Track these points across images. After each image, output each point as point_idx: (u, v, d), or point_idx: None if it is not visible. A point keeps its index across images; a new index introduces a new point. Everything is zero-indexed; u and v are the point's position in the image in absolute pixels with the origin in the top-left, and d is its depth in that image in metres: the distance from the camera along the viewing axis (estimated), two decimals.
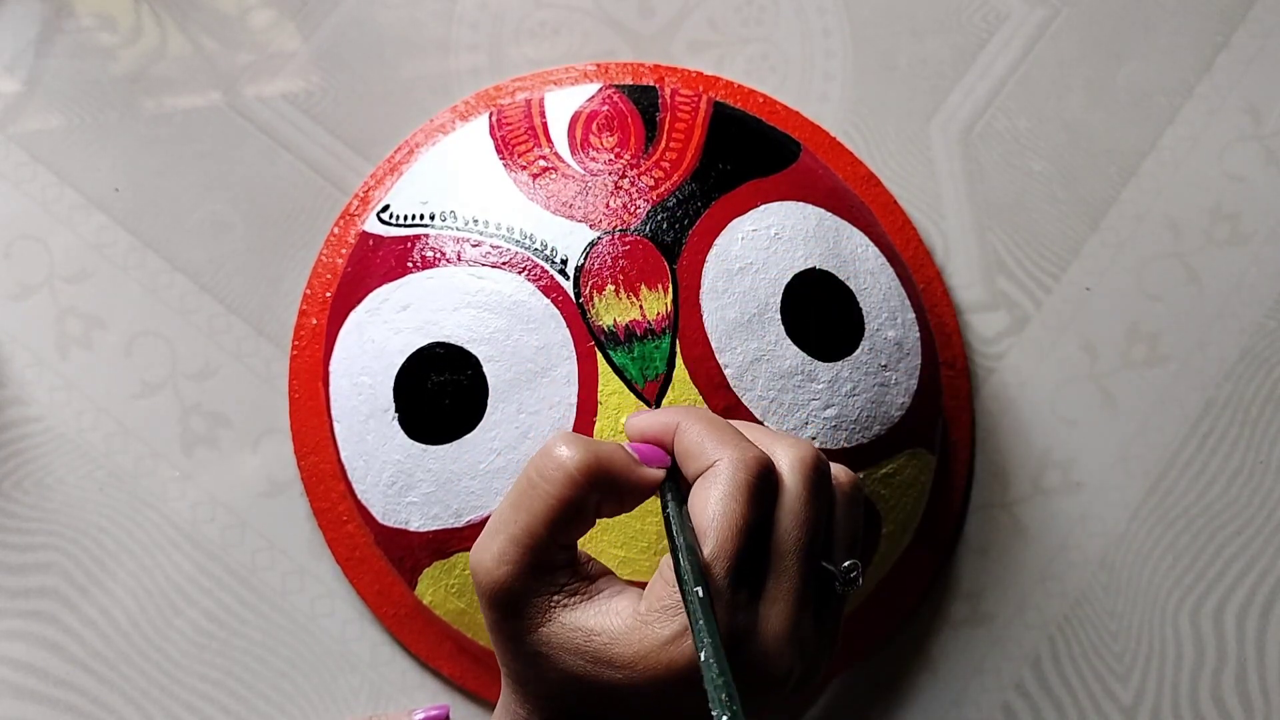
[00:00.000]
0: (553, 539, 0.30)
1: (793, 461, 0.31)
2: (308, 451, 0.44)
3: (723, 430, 0.31)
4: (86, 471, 0.45)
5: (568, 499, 0.29)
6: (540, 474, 0.30)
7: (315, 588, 0.44)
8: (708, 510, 0.29)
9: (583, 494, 0.29)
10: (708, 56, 0.51)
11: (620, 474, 0.30)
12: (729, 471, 0.29)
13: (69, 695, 0.43)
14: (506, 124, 0.43)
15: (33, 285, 0.46)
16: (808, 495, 0.31)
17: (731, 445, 0.30)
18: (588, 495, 0.30)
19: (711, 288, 0.39)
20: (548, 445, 0.30)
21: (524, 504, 0.30)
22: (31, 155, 0.48)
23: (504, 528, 0.30)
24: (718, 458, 0.30)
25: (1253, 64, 0.51)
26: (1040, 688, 0.45)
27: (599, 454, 0.30)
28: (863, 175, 0.49)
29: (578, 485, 0.29)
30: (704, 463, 0.30)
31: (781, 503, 0.30)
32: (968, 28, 0.51)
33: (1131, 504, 0.47)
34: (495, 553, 0.30)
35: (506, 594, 0.30)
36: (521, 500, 0.30)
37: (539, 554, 0.30)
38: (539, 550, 0.30)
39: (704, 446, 0.30)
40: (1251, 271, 0.49)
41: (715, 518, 0.29)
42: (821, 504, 0.31)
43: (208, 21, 0.49)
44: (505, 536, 0.30)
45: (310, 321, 0.46)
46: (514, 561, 0.29)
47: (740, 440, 0.31)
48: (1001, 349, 0.48)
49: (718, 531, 0.29)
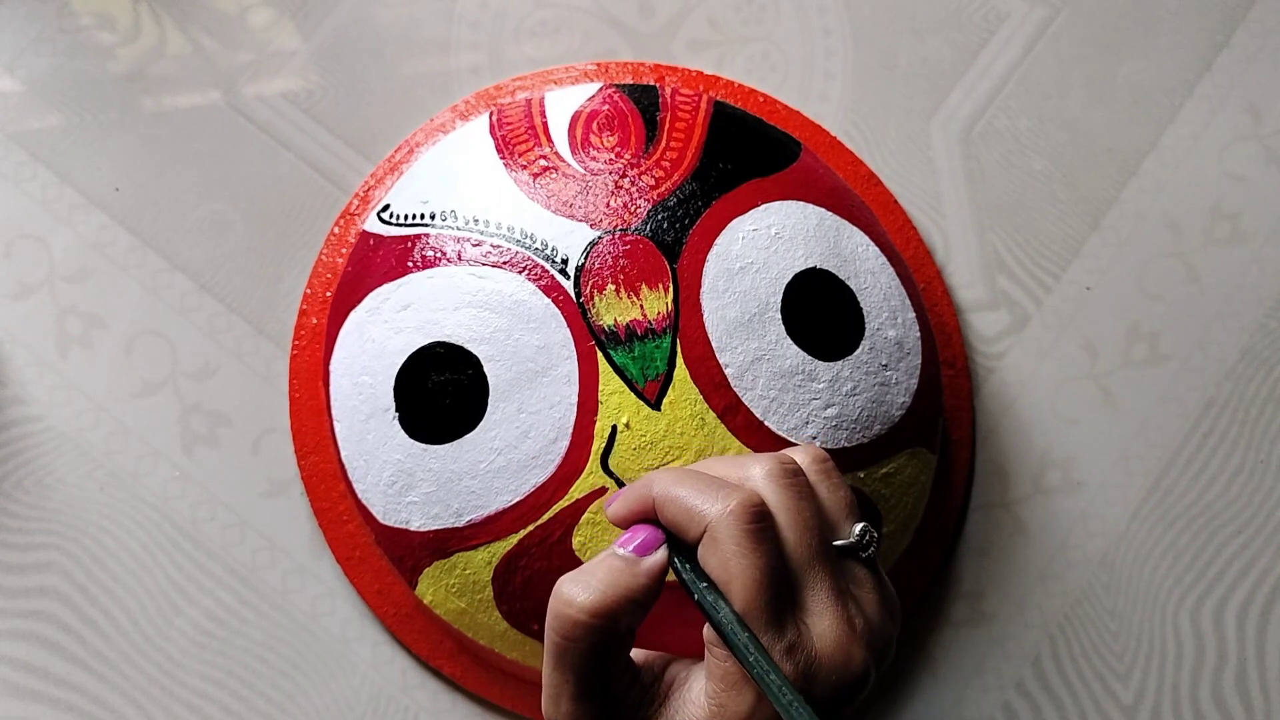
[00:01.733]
0: (614, 677, 0.31)
1: (764, 481, 0.31)
2: (308, 451, 0.44)
3: (699, 486, 0.31)
4: (87, 471, 0.45)
5: (599, 642, 0.30)
6: (562, 634, 0.30)
7: (315, 587, 0.44)
8: (724, 575, 0.30)
9: (609, 628, 0.30)
10: (708, 56, 0.51)
11: (630, 589, 0.30)
12: (725, 530, 0.30)
13: (69, 695, 0.43)
14: (507, 123, 0.43)
15: (33, 284, 0.46)
16: (794, 501, 0.31)
17: (713, 498, 0.30)
18: (615, 626, 0.30)
19: (712, 287, 0.39)
20: (554, 604, 0.31)
21: (564, 664, 0.30)
22: (31, 154, 0.48)
23: (561, 689, 0.31)
24: (708, 520, 0.30)
25: (1253, 63, 0.51)
26: (1040, 687, 0.45)
27: (603, 587, 0.30)
28: (863, 175, 0.49)
29: (601, 629, 0.30)
30: (697, 529, 0.30)
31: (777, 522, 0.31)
32: (968, 27, 0.51)
33: (1132, 503, 0.47)
34: (568, 712, 0.31)
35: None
36: (561, 660, 0.30)
37: (606, 695, 0.31)
38: (604, 693, 0.31)
39: (689, 511, 0.31)
40: (1252, 271, 0.49)
41: (735, 578, 0.30)
42: (808, 500, 0.31)
43: (207, 20, 0.49)
44: (567, 696, 0.30)
45: (310, 321, 0.46)
46: (589, 713, 0.30)
47: (719, 490, 0.31)
48: (1002, 348, 0.48)
49: (744, 589, 0.29)
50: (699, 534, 0.30)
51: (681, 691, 0.31)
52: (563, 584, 0.31)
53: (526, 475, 0.37)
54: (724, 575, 0.30)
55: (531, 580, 0.38)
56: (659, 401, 0.37)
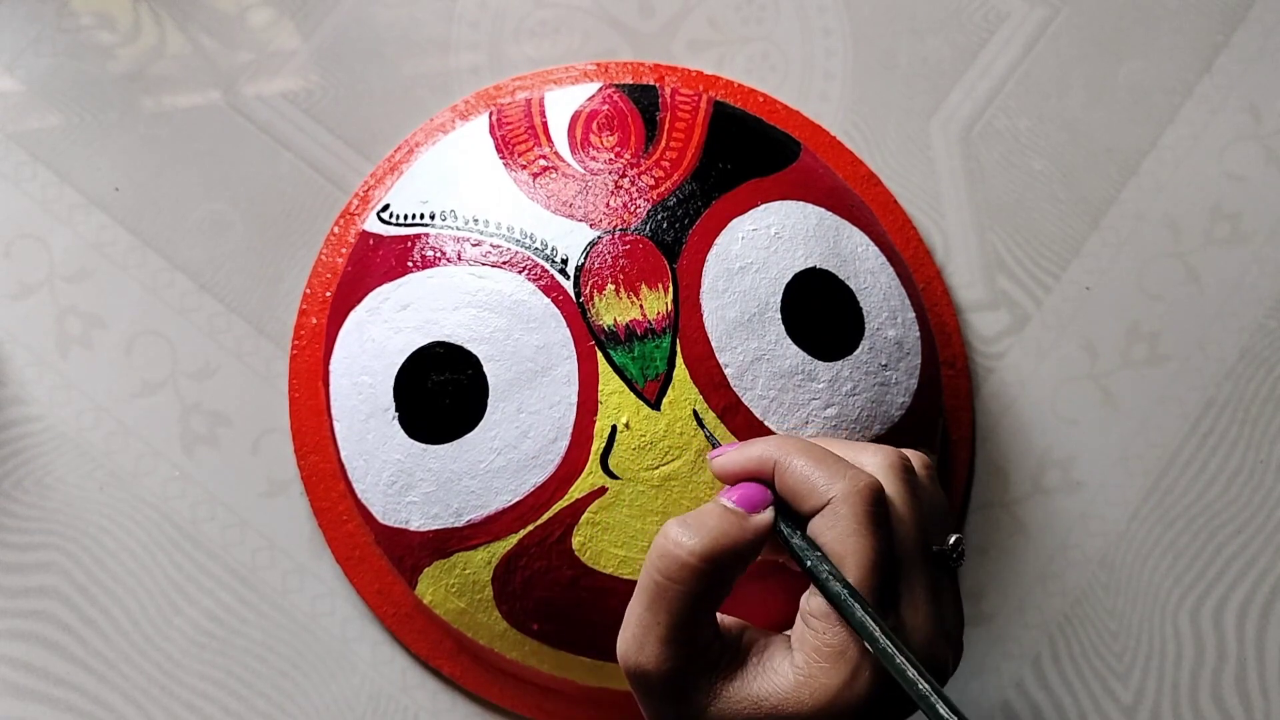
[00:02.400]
0: (700, 628, 0.31)
1: (883, 470, 0.32)
2: (308, 451, 0.45)
3: (823, 460, 0.31)
4: (87, 471, 0.45)
5: (701, 590, 0.30)
6: (666, 574, 0.30)
7: (315, 587, 0.44)
8: (840, 550, 0.30)
9: (714, 575, 0.30)
10: (708, 56, 0.51)
11: (738, 541, 0.31)
12: (849, 508, 0.30)
13: (69, 695, 0.43)
14: (506, 123, 0.43)
15: (33, 284, 0.46)
16: (909, 499, 0.32)
17: (839, 476, 0.31)
18: (719, 575, 0.30)
19: (712, 287, 0.39)
20: (661, 543, 0.31)
21: (662, 604, 0.30)
22: (31, 154, 0.48)
23: (650, 629, 0.30)
24: (831, 494, 0.30)
25: (1253, 63, 0.51)
26: (1040, 687, 0.45)
27: (714, 534, 0.30)
28: (863, 174, 0.49)
29: (706, 574, 0.30)
30: (817, 500, 0.31)
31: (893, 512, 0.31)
32: (968, 27, 0.51)
33: (1131, 503, 0.47)
34: (652, 655, 0.30)
35: (675, 690, 0.30)
36: (656, 600, 0.30)
37: (693, 645, 0.30)
38: (691, 642, 0.30)
39: (812, 482, 0.31)
40: (1252, 271, 0.49)
41: (851, 555, 0.30)
42: (920, 500, 0.32)
43: (207, 20, 0.49)
44: (655, 638, 0.30)
45: (310, 321, 0.46)
46: (673, 658, 0.30)
47: (844, 468, 0.31)
48: (1002, 348, 0.48)
49: (859, 567, 0.30)
50: (818, 506, 0.31)
51: (761, 659, 0.31)
52: (671, 525, 0.31)
53: (526, 475, 0.37)
54: (840, 550, 0.30)
55: (531, 580, 0.38)
56: (659, 401, 0.37)
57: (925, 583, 0.31)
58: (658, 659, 0.30)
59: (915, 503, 0.32)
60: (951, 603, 0.33)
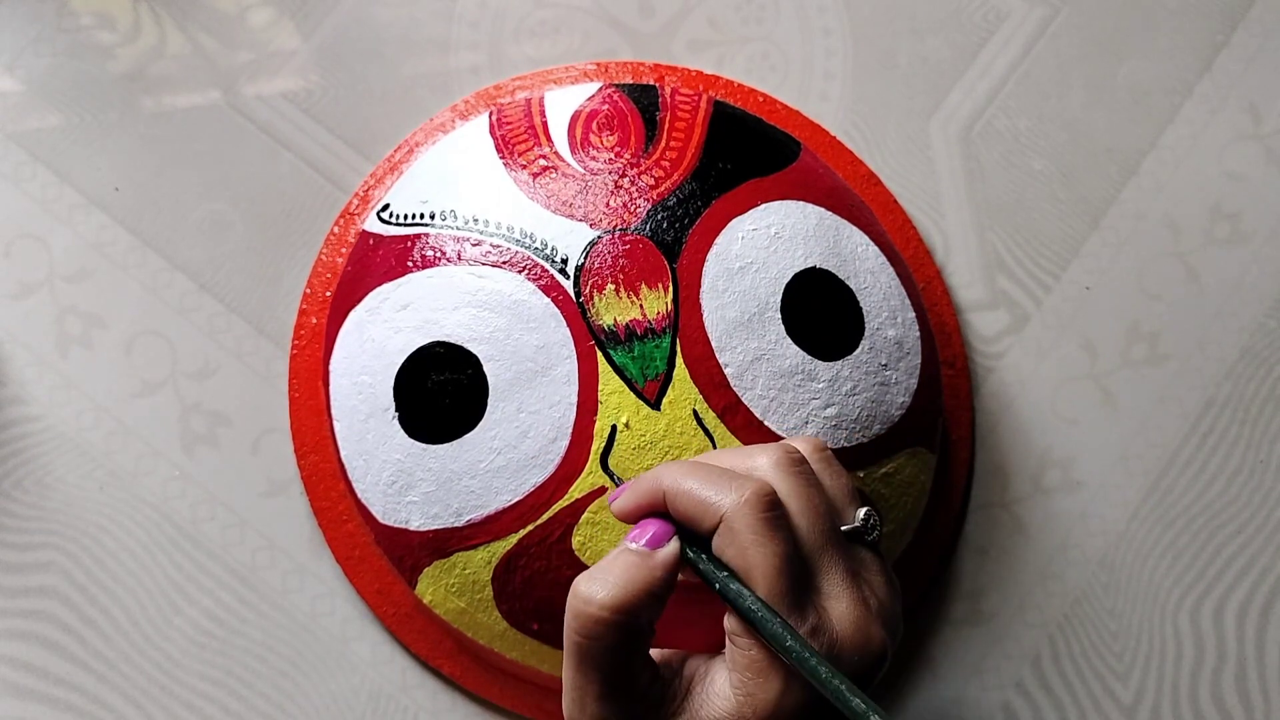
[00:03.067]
0: (634, 675, 0.30)
1: (771, 470, 0.32)
2: (308, 451, 0.45)
3: (709, 477, 0.31)
4: (86, 471, 0.45)
5: (622, 639, 0.30)
6: (583, 633, 0.30)
7: (315, 587, 0.44)
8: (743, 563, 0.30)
9: (630, 624, 0.30)
10: (708, 56, 0.51)
11: (649, 581, 0.30)
12: (742, 519, 0.30)
13: (69, 694, 0.43)
14: (506, 123, 0.43)
15: (33, 284, 0.46)
16: (803, 490, 0.31)
17: (726, 490, 0.31)
18: (636, 621, 0.30)
19: (712, 287, 0.39)
20: (573, 603, 0.30)
21: (587, 664, 0.30)
22: (31, 154, 0.48)
23: (585, 690, 0.30)
24: (723, 509, 0.30)
25: (1253, 63, 0.51)
26: (1040, 687, 0.45)
27: (621, 582, 0.30)
28: (863, 174, 0.49)
29: (622, 624, 0.30)
30: (711, 520, 0.31)
31: (788, 509, 0.31)
32: (968, 26, 0.51)
33: (1131, 503, 0.47)
34: (594, 714, 0.30)
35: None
36: (583, 661, 0.30)
37: (630, 694, 0.30)
38: (628, 691, 0.30)
39: (703, 502, 0.31)
40: (1252, 270, 0.49)
41: (755, 565, 0.30)
42: (815, 487, 0.32)
43: (207, 20, 0.49)
44: (592, 697, 0.30)
45: (310, 320, 0.46)
46: (614, 713, 0.30)
47: (731, 480, 0.31)
48: (1001, 348, 0.48)
49: (765, 576, 0.30)
50: (713, 525, 0.30)
51: (704, 685, 0.31)
52: (579, 583, 0.31)
53: (526, 475, 0.37)
54: (743, 564, 0.30)
55: (531, 580, 0.38)
56: (659, 401, 0.37)
57: (842, 568, 0.31)
58: (600, 717, 0.30)
59: (811, 493, 0.32)
60: (877, 578, 0.32)
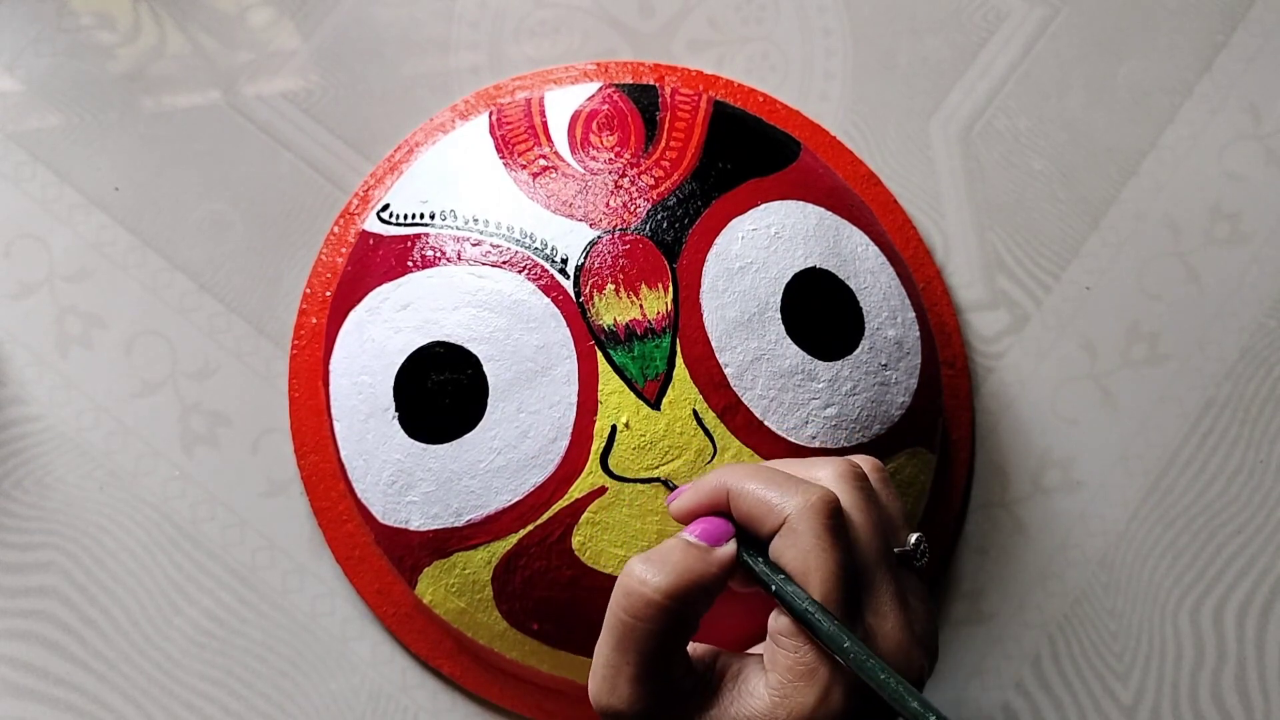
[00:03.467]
0: (671, 664, 0.30)
1: (836, 482, 0.32)
2: (308, 451, 0.45)
3: (774, 480, 0.31)
4: (86, 471, 0.45)
5: (669, 627, 0.30)
6: (632, 614, 0.30)
7: (315, 587, 0.44)
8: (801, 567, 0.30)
9: (681, 612, 0.30)
10: (708, 55, 0.51)
11: (704, 575, 0.31)
12: (805, 524, 0.30)
13: (69, 694, 0.43)
14: (506, 123, 0.43)
15: (32, 284, 0.46)
16: (865, 506, 0.32)
17: (792, 494, 0.31)
18: (685, 611, 0.30)
19: (711, 287, 0.39)
20: (626, 582, 0.30)
21: (628, 644, 0.30)
22: (31, 154, 0.48)
23: (620, 670, 0.30)
24: (786, 512, 0.30)
25: (1253, 63, 0.51)
26: (1040, 686, 0.45)
27: (679, 570, 0.30)
28: (863, 174, 0.49)
29: (673, 612, 0.30)
30: (774, 521, 0.31)
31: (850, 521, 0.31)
32: (968, 26, 0.51)
33: (1131, 503, 0.47)
34: (624, 696, 0.30)
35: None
36: (624, 641, 0.30)
37: (664, 682, 0.30)
38: (663, 679, 0.30)
39: (767, 504, 0.31)
40: (1252, 270, 0.49)
41: (814, 570, 0.30)
42: (876, 506, 0.32)
43: (207, 20, 0.49)
44: (625, 678, 0.30)
45: (310, 320, 0.46)
46: (645, 697, 0.30)
47: (797, 485, 0.31)
48: (1001, 348, 0.48)
49: (823, 582, 0.30)
50: (775, 527, 0.31)
51: (736, 684, 0.31)
52: (635, 564, 0.31)
53: (526, 475, 0.37)
54: (802, 568, 0.30)
55: (531, 580, 0.38)
56: (658, 401, 0.37)
57: (891, 589, 0.31)
58: (630, 699, 0.30)
59: (871, 509, 0.32)
60: (920, 605, 0.32)
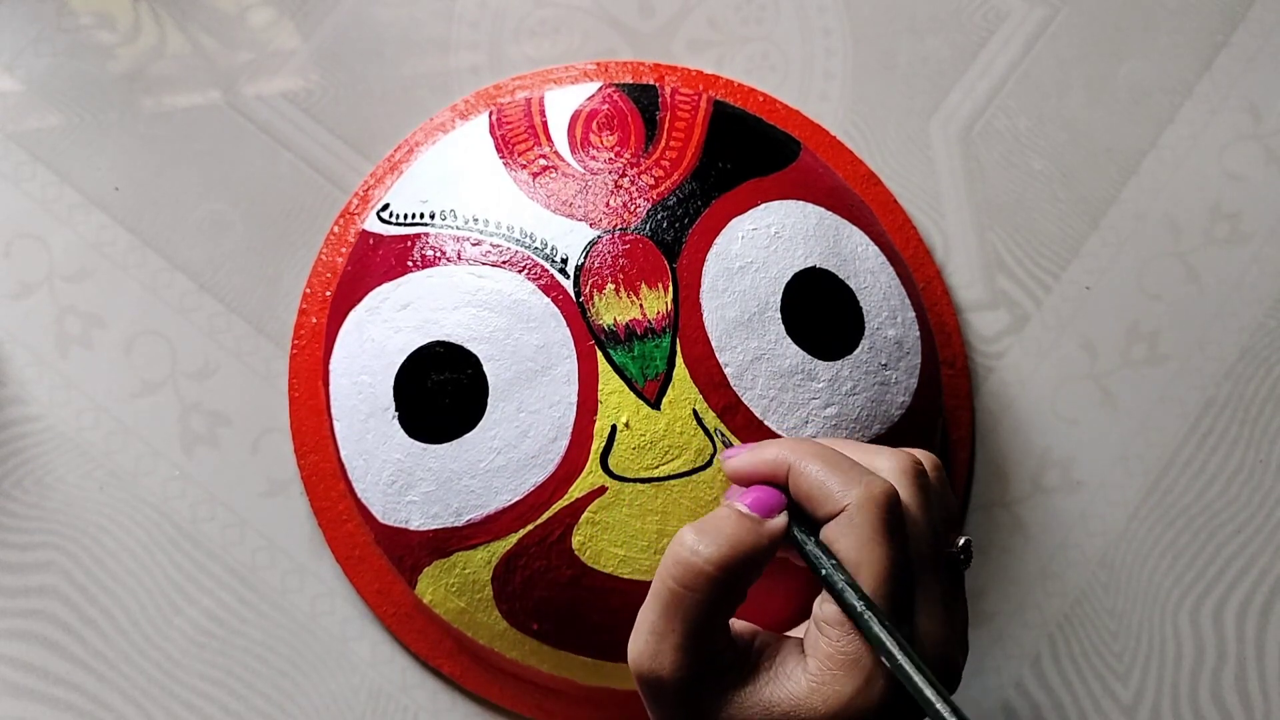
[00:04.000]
0: (715, 635, 0.30)
1: (897, 475, 0.32)
2: (307, 450, 0.45)
3: (838, 465, 0.31)
4: (86, 470, 0.45)
5: (718, 598, 0.30)
6: (683, 583, 0.30)
7: (315, 586, 0.44)
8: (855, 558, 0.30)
9: (731, 584, 0.30)
10: (708, 55, 0.51)
11: (754, 547, 0.30)
12: (865, 515, 0.30)
13: (69, 694, 0.43)
14: (506, 123, 0.43)
15: (32, 284, 0.46)
16: (923, 504, 0.31)
17: (854, 482, 0.30)
18: (734, 582, 0.30)
19: (711, 287, 0.39)
20: (678, 551, 0.30)
21: (675, 612, 0.30)
22: (31, 154, 0.48)
23: (665, 637, 0.30)
24: (846, 501, 0.30)
25: (1253, 63, 0.51)
26: (1040, 686, 0.45)
27: (730, 542, 0.30)
28: (863, 174, 0.49)
29: (723, 583, 0.30)
30: (833, 506, 0.30)
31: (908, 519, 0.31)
32: (968, 26, 0.51)
33: (1131, 503, 0.47)
34: (667, 662, 0.30)
35: (688, 697, 0.30)
36: (672, 609, 0.30)
37: (707, 652, 0.30)
38: (706, 649, 0.30)
39: (828, 488, 0.31)
40: (1252, 270, 0.49)
41: (867, 564, 0.30)
42: (933, 504, 0.32)
43: (207, 20, 0.49)
44: (670, 645, 0.30)
45: (310, 320, 0.46)
46: (688, 666, 0.30)
47: (860, 474, 0.31)
48: (1001, 348, 0.48)
49: (874, 577, 0.29)
50: (832, 512, 0.30)
51: (773, 664, 0.31)
52: (686, 533, 0.31)
53: (526, 475, 0.37)
54: (856, 558, 0.30)
55: (531, 580, 0.38)
56: (658, 401, 0.37)
57: (939, 589, 0.31)
58: (672, 666, 0.30)
59: (929, 508, 0.32)
60: (962, 607, 0.32)
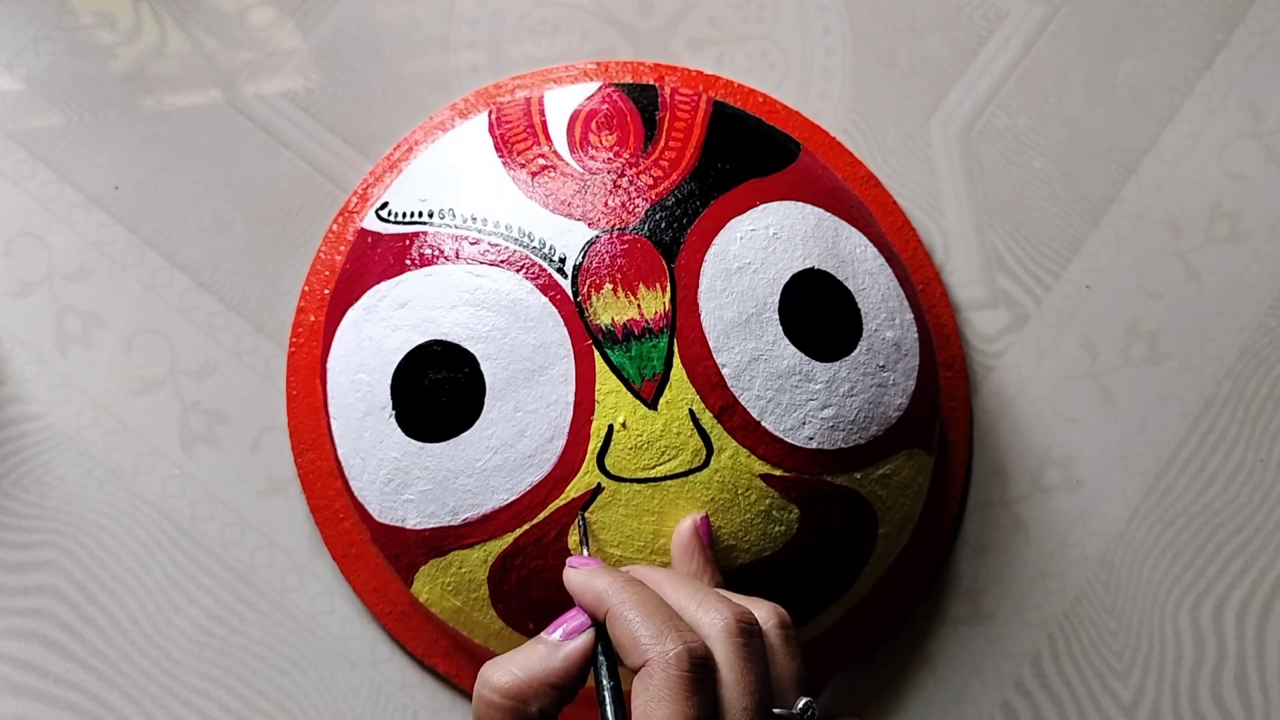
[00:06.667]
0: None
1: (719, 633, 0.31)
2: (305, 449, 0.45)
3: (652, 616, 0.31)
4: (86, 469, 0.45)
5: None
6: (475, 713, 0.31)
7: (314, 585, 0.44)
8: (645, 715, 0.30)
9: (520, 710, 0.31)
10: (707, 55, 0.50)
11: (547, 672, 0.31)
12: (662, 673, 0.30)
13: (69, 693, 0.43)
14: (506, 122, 0.43)
15: (32, 283, 0.47)
16: (743, 662, 0.31)
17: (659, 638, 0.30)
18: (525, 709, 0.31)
19: (710, 287, 0.39)
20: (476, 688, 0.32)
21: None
22: (31, 153, 0.48)
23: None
24: (649, 655, 0.30)
25: (1253, 62, 0.51)
26: (1040, 686, 0.45)
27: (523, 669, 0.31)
28: (862, 175, 0.49)
29: (511, 710, 0.31)
30: (638, 659, 0.30)
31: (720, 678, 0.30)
32: (967, 25, 0.51)
33: (1131, 502, 0.47)
34: None
35: None
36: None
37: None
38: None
39: (635, 639, 0.31)
40: (1252, 269, 0.49)
41: None
42: (758, 663, 0.31)
43: (207, 19, 0.49)
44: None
45: (308, 319, 0.46)
46: None
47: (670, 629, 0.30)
48: (1001, 347, 0.48)
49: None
50: (638, 664, 0.30)
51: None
52: (486, 665, 0.31)
53: (522, 474, 0.37)
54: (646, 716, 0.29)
55: (527, 579, 0.38)
56: (656, 401, 0.37)
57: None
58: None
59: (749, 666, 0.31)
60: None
